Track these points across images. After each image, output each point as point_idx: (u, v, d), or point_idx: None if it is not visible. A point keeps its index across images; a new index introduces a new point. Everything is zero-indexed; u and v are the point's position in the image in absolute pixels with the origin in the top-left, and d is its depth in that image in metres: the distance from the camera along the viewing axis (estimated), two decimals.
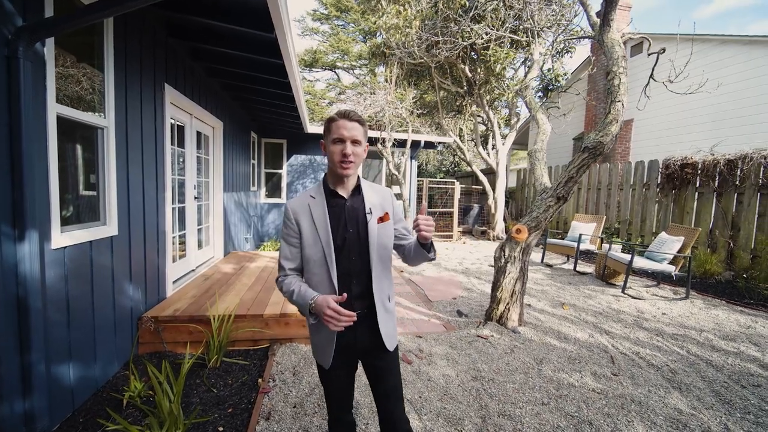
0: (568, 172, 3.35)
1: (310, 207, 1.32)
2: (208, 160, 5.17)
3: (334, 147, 1.28)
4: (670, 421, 2.20)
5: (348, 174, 1.29)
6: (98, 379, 2.46)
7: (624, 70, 3.00)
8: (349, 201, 1.35)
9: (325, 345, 1.34)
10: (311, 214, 1.31)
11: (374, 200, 1.39)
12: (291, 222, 1.33)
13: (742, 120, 7.57)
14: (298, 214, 1.32)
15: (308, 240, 1.31)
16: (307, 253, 1.31)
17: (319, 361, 1.40)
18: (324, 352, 1.35)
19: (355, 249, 1.33)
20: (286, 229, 1.35)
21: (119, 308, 2.71)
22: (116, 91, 2.62)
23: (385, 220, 1.37)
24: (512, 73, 9.96)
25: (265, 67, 4.00)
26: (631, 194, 7.64)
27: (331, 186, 1.35)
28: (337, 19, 22.32)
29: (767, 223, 5.32)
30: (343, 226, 1.32)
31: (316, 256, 1.30)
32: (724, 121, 7.89)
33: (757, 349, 3.25)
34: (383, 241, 1.36)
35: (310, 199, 1.34)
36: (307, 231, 1.31)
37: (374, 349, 1.37)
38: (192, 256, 4.55)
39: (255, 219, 8.54)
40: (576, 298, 4.70)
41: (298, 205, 1.34)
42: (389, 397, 1.42)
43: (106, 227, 2.56)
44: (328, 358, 1.34)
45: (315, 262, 1.31)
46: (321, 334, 1.34)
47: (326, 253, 1.28)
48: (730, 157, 5.78)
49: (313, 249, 1.30)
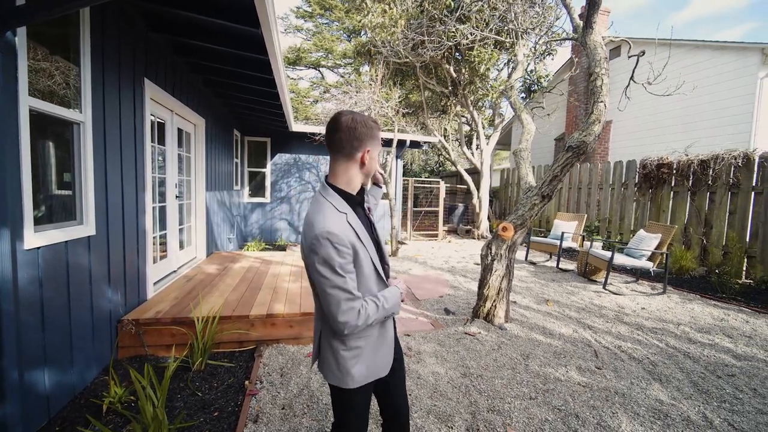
0: (552, 171, 3.41)
1: (351, 225, 1.20)
2: (189, 158, 5.04)
3: (375, 156, 1.29)
4: (652, 412, 2.27)
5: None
6: (75, 386, 2.35)
7: (606, 72, 3.08)
8: (362, 204, 1.37)
9: (386, 349, 1.33)
10: (356, 232, 1.20)
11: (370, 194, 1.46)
12: (347, 248, 1.14)
13: (714, 122, 7.90)
14: (350, 238, 1.16)
15: (363, 259, 1.21)
16: (365, 272, 1.23)
17: (377, 375, 1.30)
18: (386, 356, 1.33)
19: (377, 245, 1.36)
20: (341, 258, 1.12)
21: (97, 311, 2.60)
22: (93, 85, 2.52)
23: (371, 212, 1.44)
24: (496, 74, 10.11)
25: (250, 63, 3.92)
26: (610, 193, 7.86)
27: (350, 192, 1.27)
28: (321, 17, 22.12)
29: (737, 220, 5.57)
30: (370, 228, 1.34)
31: (368, 270, 1.23)
32: (697, 122, 8.22)
33: (730, 341, 3.40)
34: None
35: (344, 216, 1.20)
36: (361, 251, 1.20)
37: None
38: (173, 256, 4.42)
39: (238, 219, 8.38)
40: (559, 294, 4.80)
41: (343, 227, 1.16)
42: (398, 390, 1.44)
43: (82, 227, 2.45)
44: (389, 362, 1.34)
45: (368, 276, 1.24)
46: (383, 339, 1.32)
47: (375, 264, 1.27)
48: (703, 157, 6.03)
49: (367, 264, 1.23)
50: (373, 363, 1.28)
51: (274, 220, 9.23)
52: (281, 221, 9.27)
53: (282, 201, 9.25)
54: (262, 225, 9.16)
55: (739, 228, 5.53)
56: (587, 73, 9.75)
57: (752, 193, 5.42)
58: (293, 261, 5.59)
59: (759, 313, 4.17)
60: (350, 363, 1.24)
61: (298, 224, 9.38)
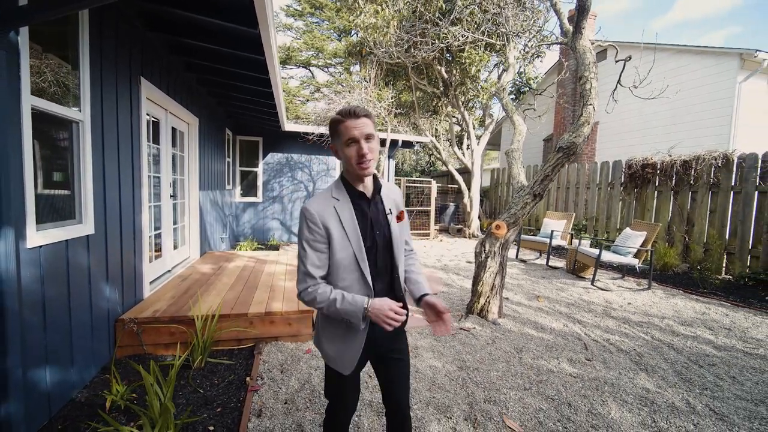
0: (543, 170, 3.52)
1: (337, 210, 1.25)
2: (183, 157, 5.02)
3: (348, 150, 1.22)
4: (639, 400, 2.38)
5: (370, 173, 1.25)
6: (75, 385, 2.35)
7: (595, 76, 3.20)
8: (372, 201, 1.32)
9: (351, 353, 1.30)
10: (339, 217, 1.24)
11: (391, 198, 1.38)
12: (317, 227, 1.22)
13: (696, 124, 8.18)
14: (325, 218, 1.23)
15: (338, 245, 1.24)
16: (337, 257, 1.24)
17: (338, 369, 1.33)
18: (350, 359, 1.31)
19: (382, 250, 1.31)
20: (311, 234, 1.23)
21: (96, 310, 2.60)
22: (92, 84, 2.52)
23: (401, 219, 1.38)
24: (486, 76, 10.26)
25: (245, 62, 3.94)
26: (597, 193, 8.07)
27: (354, 186, 1.31)
28: (311, 16, 22.05)
29: (717, 219, 5.80)
30: (369, 227, 1.29)
31: (347, 261, 1.25)
32: (680, 124, 8.50)
33: (711, 333, 3.56)
34: (403, 238, 1.38)
35: (335, 201, 1.27)
36: (336, 236, 1.23)
37: (392, 343, 1.38)
38: (168, 256, 4.40)
39: (230, 218, 8.34)
40: (550, 290, 4.94)
41: (323, 208, 1.24)
42: (400, 384, 1.43)
43: (82, 225, 2.45)
44: (352, 365, 1.31)
45: (345, 267, 1.25)
46: (348, 343, 1.30)
47: (358, 256, 1.24)
48: (685, 158, 6.25)
49: (343, 254, 1.24)
50: (335, 355, 1.33)
51: (267, 220, 9.20)
52: (273, 221, 9.25)
53: (274, 200, 9.23)
54: (254, 225, 9.13)
55: (719, 226, 5.76)
56: (575, 76, 9.99)
57: (731, 193, 5.65)
58: (287, 260, 5.61)
59: (738, 307, 4.37)
60: (322, 338, 1.37)
61: (291, 224, 9.37)
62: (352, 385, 1.40)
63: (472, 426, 2.10)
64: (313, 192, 9.45)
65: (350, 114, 1.22)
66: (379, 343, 1.36)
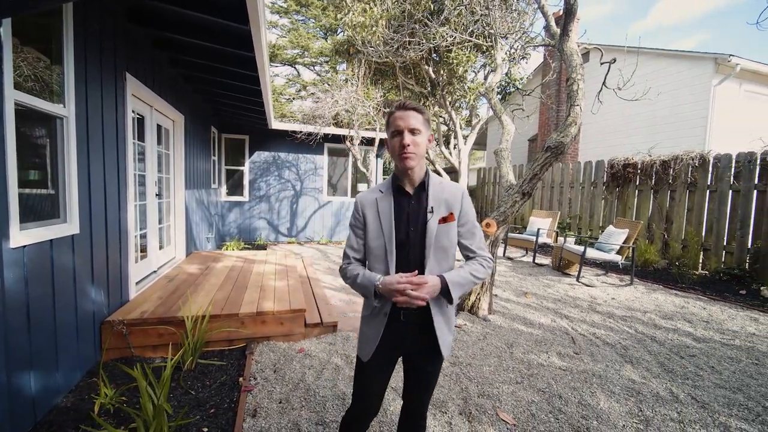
0: (532, 169, 3.59)
1: (377, 201, 1.33)
2: (168, 155, 4.91)
3: (393, 140, 1.27)
4: (626, 390, 2.47)
5: (410, 165, 1.25)
6: (61, 389, 2.28)
7: (582, 77, 3.28)
8: (414, 197, 1.32)
9: (370, 337, 1.33)
10: (377, 208, 1.33)
11: (440, 198, 1.31)
12: (359, 214, 1.36)
13: (674, 125, 8.48)
14: (365, 207, 1.35)
15: (372, 233, 1.33)
16: (371, 245, 1.33)
17: (360, 354, 1.38)
18: (368, 343, 1.33)
19: (415, 248, 1.29)
20: (354, 220, 1.38)
21: (81, 312, 2.53)
22: (76, 79, 2.44)
23: (449, 221, 1.30)
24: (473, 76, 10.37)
25: (233, 59, 3.88)
26: (580, 192, 8.27)
27: (399, 181, 1.34)
28: (296, 14, 21.84)
29: (695, 216, 6.03)
30: (405, 222, 1.30)
31: (378, 251, 1.31)
32: (659, 125, 8.79)
33: (690, 326, 3.71)
34: (443, 243, 1.29)
35: (378, 194, 1.35)
36: (371, 224, 1.33)
37: (426, 353, 1.33)
38: (153, 256, 4.30)
39: (216, 218, 8.20)
40: (537, 287, 5.04)
41: (366, 199, 1.36)
42: (423, 394, 1.41)
43: (67, 225, 2.37)
44: (369, 351, 1.33)
45: (376, 257, 1.32)
46: (371, 325, 1.34)
47: (387, 248, 1.29)
48: (664, 158, 6.48)
49: (376, 242, 1.31)
50: (360, 339, 1.41)
51: (253, 219, 9.08)
52: (260, 220, 9.13)
53: (261, 200, 9.11)
54: (241, 224, 9.00)
55: (696, 223, 5.99)
56: (559, 77, 10.20)
57: (707, 192, 5.88)
58: (276, 260, 5.55)
59: (714, 301, 4.56)
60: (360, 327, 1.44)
61: (278, 223, 9.28)
62: (372, 379, 1.38)
63: (467, 420, 2.13)
64: (300, 191, 9.37)
65: (401, 106, 1.27)
66: (407, 348, 1.36)
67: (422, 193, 1.32)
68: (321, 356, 2.91)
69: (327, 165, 9.53)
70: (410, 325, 1.31)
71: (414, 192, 1.32)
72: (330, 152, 9.52)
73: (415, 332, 1.32)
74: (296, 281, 4.26)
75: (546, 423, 2.11)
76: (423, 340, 1.31)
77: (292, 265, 5.23)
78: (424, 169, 1.33)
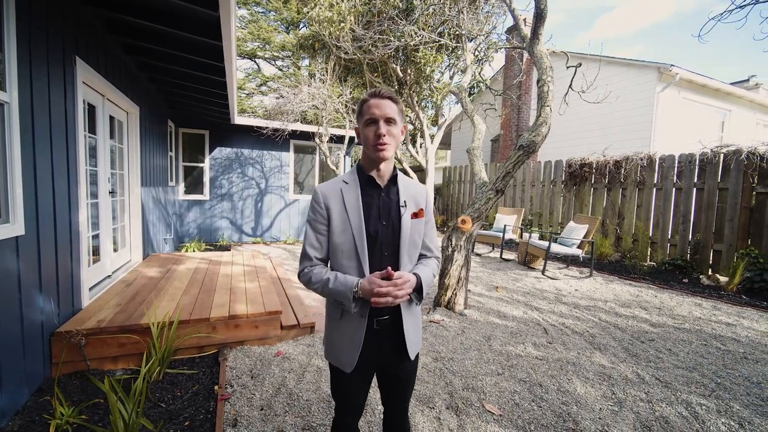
0: (505, 167, 3.70)
1: (342, 192, 1.23)
2: (122, 149, 4.52)
3: (367, 129, 1.18)
4: (598, 375, 2.61)
5: (385, 157, 1.19)
6: (5, 411, 2.01)
7: (551, 79, 3.43)
8: (384, 190, 1.25)
9: (349, 346, 1.22)
10: (343, 199, 1.21)
11: (409, 193, 1.29)
12: (320, 207, 1.22)
13: (624, 128, 9.14)
14: (328, 198, 1.22)
15: (338, 227, 1.20)
16: (336, 241, 1.20)
17: (336, 364, 1.27)
18: (348, 353, 1.23)
19: (387, 243, 1.22)
20: (313, 214, 1.23)
21: (28, 322, 2.25)
22: (19, 62, 2.16)
23: (419, 216, 1.28)
24: (439, 76, 10.54)
25: (198, 47, 3.64)
26: (541, 190, 8.69)
27: (367, 172, 1.25)
28: (257, 6, 21.03)
29: (643, 212, 6.54)
30: (376, 216, 1.22)
31: (346, 246, 1.20)
32: (611, 128, 9.43)
33: (646, 312, 4.01)
34: (414, 238, 1.26)
35: (343, 184, 1.24)
36: (337, 217, 1.20)
37: (396, 357, 1.28)
38: (108, 259, 3.94)
39: (174, 218, 7.69)
40: (506, 281, 5.22)
41: (329, 189, 1.24)
42: (401, 402, 1.36)
43: (10, 225, 2.09)
44: (352, 361, 1.22)
45: (344, 253, 1.20)
46: (346, 334, 1.23)
47: (357, 243, 1.18)
48: (616, 158, 6.96)
49: (342, 237, 1.20)
50: (332, 347, 1.29)
51: (215, 219, 8.63)
52: (222, 220, 8.70)
53: (223, 198, 8.68)
54: (201, 224, 8.52)
55: (644, 219, 6.50)
56: (520, 81, 10.64)
57: (654, 189, 6.40)
58: (244, 260, 5.31)
59: (663, 289, 4.97)
60: (325, 330, 1.35)
61: (241, 223, 8.89)
62: (354, 388, 1.30)
63: (455, 414, 2.15)
64: (266, 189, 9.04)
65: (375, 94, 1.20)
66: (383, 355, 1.28)
67: (393, 186, 1.28)
68: (300, 359, 2.81)
69: (293, 162, 9.27)
70: (385, 327, 1.24)
71: (384, 185, 1.26)
72: (296, 149, 9.27)
73: (390, 335, 1.26)
74: (268, 282, 4.09)
75: (530, 411, 2.17)
76: (395, 344, 1.27)
77: (261, 265, 5.03)
78: (393, 163, 1.30)
